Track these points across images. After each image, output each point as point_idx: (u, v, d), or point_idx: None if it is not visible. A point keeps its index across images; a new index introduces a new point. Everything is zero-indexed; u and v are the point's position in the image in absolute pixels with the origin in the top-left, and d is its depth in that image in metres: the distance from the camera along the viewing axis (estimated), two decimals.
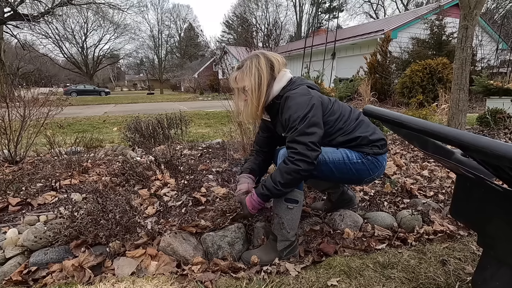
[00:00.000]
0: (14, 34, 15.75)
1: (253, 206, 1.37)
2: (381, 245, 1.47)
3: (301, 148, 1.23)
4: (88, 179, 2.24)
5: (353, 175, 1.39)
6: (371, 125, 1.44)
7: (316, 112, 1.29)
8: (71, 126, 6.04)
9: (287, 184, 1.27)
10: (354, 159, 1.36)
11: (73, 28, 30.92)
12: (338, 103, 1.46)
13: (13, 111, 2.64)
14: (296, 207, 1.36)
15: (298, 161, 1.22)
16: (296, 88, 1.36)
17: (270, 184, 1.29)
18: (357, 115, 1.45)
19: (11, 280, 1.24)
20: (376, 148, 1.38)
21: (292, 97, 1.32)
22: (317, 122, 1.28)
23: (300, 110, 1.27)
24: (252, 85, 1.37)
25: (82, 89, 26.50)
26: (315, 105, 1.30)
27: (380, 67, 9.21)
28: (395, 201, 1.87)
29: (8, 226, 1.60)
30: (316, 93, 1.38)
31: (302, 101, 1.29)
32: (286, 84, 1.39)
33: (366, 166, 1.38)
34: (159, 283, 1.21)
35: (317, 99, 1.33)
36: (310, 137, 1.24)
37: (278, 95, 1.38)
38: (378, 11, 32.88)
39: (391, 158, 2.62)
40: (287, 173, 1.25)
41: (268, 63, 1.38)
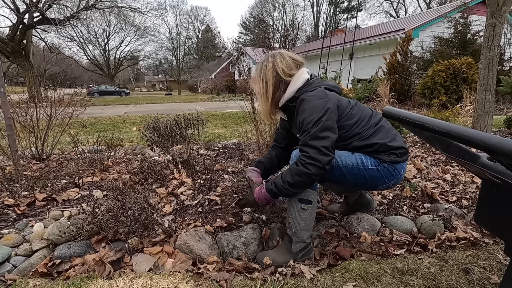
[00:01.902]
0: (42, 38, 16.59)
1: (259, 197, 1.37)
2: (400, 251, 1.43)
3: (313, 153, 1.22)
4: (109, 177, 2.32)
5: (367, 182, 1.36)
6: (391, 131, 1.38)
7: (331, 116, 1.27)
8: (93, 125, 6.27)
9: (295, 185, 1.26)
10: (369, 166, 1.32)
11: (96, 31, 32.14)
12: (358, 107, 1.41)
13: (40, 111, 2.77)
14: (310, 208, 1.35)
15: (309, 165, 1.21)
16: (313, 90, 1.34)
17: (279, 182, 1.29)
18: (378, 120, 1.39)
19: (37, 272, 1.30)
20: (394, 156, 1.33)
21: (308, 100, 1.30)
22: (330, 127, 1.25)
23: (315, 114, 1.25)
24: (259, 90, 1.41)
25: (103, 89, 27.46)
26: (330, 109, 1.27)
27: (400, 67, 8.94)
28: (415, 206, 1.81)
29: (35, 220, 1.69)
30: (334, 96, 1.35)
31: (317, 105, 1.27)
32: (302, 86, 1.37)
33: (381, 173, 1.33)
34: (175, 280, 1.24)
35: (334, 103, 1.30)
36: (322, 141, 1.22)
37: (293, 97, 1.38)
38: (398, 10, 32.00)
39: (411, 161, 2.54)
40: (297, 175, 1.24)
41: (273, 69, 1.38)
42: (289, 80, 1.38)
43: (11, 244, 1.46)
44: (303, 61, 1.45)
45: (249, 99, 2.79)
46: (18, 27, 12.84)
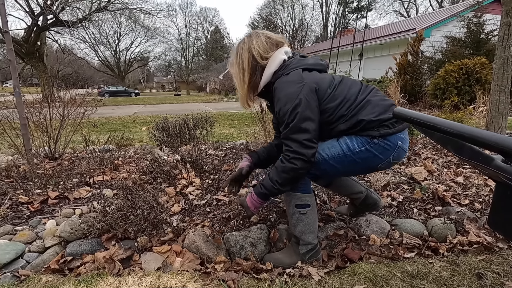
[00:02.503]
0: (55, 39, 17.00)
1: (255, 206, 1.33)
2: (410, 254, 1.41)
3: (296, 146, 1.16)
4: (119, 176, 2.35)
5: (360, 165, 1.25)
6: (380, 104, 1.23)
7: (309, 104, 1.17)
8: (103, 125, 6.38)
9: (284, 183, 1.22)
10: (356, 149, 1.21)
11: (107, 33, 32.72)
12: (344, 84, 1.27)
13: (53, 110, 2.84)
14: (309, 210, 1.32)
15: (294, 160, 1.17)
16: (288, 74, 1.22)
17: (268, 184, 1.24)
18: (366, 94, 1.25)
19: (49, 268, 1.33)
20: (385, 129, 1.20)
21: (281, 87, 1.21)
22: (308, 116, 1.16)
23: (290, 103, 1.16)
24: (235, 73, 1.33)
25: (114, 90, 27.94)
26: (306, 95, 1.17)
27: (411, 67, 8.80)
28: (426, 208, 1.78)
29: (47, 217, 1.73)
30: (312, 78, 1.22)
31: (292, 92, 1.17)
32: (278, 69, 1.26)
33: (372, 152, 1.21)
34: (183, 279, 1.25)
35: (310, 87, 1.19)
36: (304, 134, 1.16)
37: (270, 82, 1.27)
38: (409, 9, 31.52)
39: (422, 163, 2.50)
40: (284, 172, 1.20)
41: (250, 52, 1.28)
42: (265, 64, 1.28)
43: (25, 240, 1.49)
44: (283, 40, 1.33)
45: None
46: (32, 29, 13.18)
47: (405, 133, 1.26)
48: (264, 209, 1.69)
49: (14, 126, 2.70)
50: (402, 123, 1.24)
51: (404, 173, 2.32)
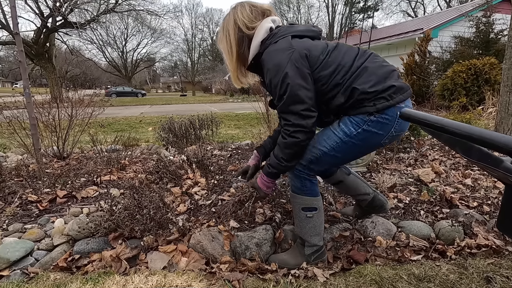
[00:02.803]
0: (64, 41, 17.26)
1: (267, 186, 1.32)
2: (417, 256, 1.39)
3: (294, 119, 1.12)
4: (126, 176, 2.38)
5: (363, 147, 1.20)
6: (377, 72, 1.13)
7: (300, 71, 1.10)
8: (110, 125, 6.45)
9: (290, 159, 1.19)
10: (353, 132, 1.15)
11: (115, 34, 33.15)
12: (338, 51, 1.18)
13: (62, 111, 2.88)
14: (316, 214, 1.31)
15: (295, 133, 1.13)
16: (276, 42, 1.15)
17: (274, 162, 1.22)
18: (363, 61, 1.15)
19: (57, 266, 1.35)
20: (382, 101, 1.10)
21: (269, 57, 1.14)
22: (301, 85, 1.10)
23: (280, 73, 1.10)
24: (224, 48, 1.27)
25: (121, 90, 28.25)
26: (296, 61, 1.10)
27: (418, 68, 8.70)
28: (433, 211, 1.76)
29: (56, 216, 1.75)
30: (302, 44, 1.15)
31: (281, 61, 1.11)
32: (265, 38, 1.19)
33: (370, 131, 1.13)
34: (188, 279, 1.25)
35: (300, 53, 1.12)
36: (299, 105, 1.10)
37: (258, 53, 1.20)
38: (417, 9, 31.20)
39: (429, 164, 2.47)
40: (287, 148, 1.16)
41: (235, 23, 1.22)
42: (252, 34, 1.21)
43: (34, 238, 1.52)
44: (269, 8, 1.27)
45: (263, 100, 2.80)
46: (42, 30, 13.41)
47: (407, 102, 1.16)
48: (269, 209, 1.70)
49: (24, 126, 2.75)
50: (403, 93, 1.14)
51: (411, 175, 2.30)
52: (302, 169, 1.25)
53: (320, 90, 1.16)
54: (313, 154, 1.21)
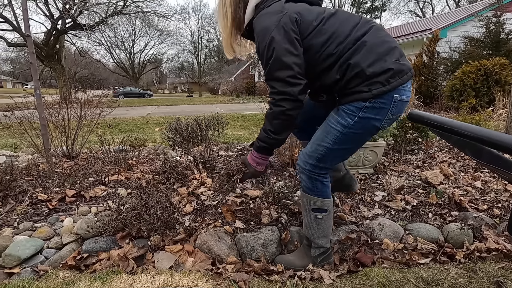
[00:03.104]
0: (73, 42, 17.54)
1: (257, 162, 1.27)
2: (425, 260, 1.38)
3: (280, 86, 1.07)
4: (133, 176, 2.40)
5: (364, 135, 1.17)
6: (376, 49, 1.05)
7: (287, 36, 1.04)
8: (118, 126, 6.52)
9: (278, 130, 1.14)
10: (350, 122, 1.10)
11: (122, 36, 33.59)
12: (336, 18, 1.11)
13: (71, 111, 2.93)
14: (326, 216, 1.30)
15: (280, 101, 1.08)
16: (269, 6, 1.11)
17: (262, 136, 1.18)
18: (362, 33, 1.07)
19: (66, 264, 1.37)
20: (378, 86, 1.04)
21: (259, 20, 1.10)
22: (288, 50, 1.04)
23: (267, 37, 1.05)
24: (219, 13, 1.25)
25: (128, 91, 28.56)
26: (285, 25, 1.05)
27: (426, 68, 8.60)
28: (442, 213, 1.74)
29: (65, 215, 1.78)
30: (295, 8, 1.09)
31: (268, 24, 1.06)
32: (259, 2, 1.16)
33: (367, 117, 1.09)
34: (195, 279, 1.26)
35: (290, 17, 1.06)
36: (286, 71, 1.05)
37: (253, 18, 1.16)
38: (425, 9, 30.84)
39: (437, 166, 2.44)
40: (274, 118, 1.12)
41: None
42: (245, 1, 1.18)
43: (44, 237, 1.55)
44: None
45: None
46: (52, 32, 13.65)
47: (408, 84, 1.10)
48: (275, 211, 1.70)
49: (34, 127, 2.80)
50: (402, 76, 1.07)
51: (418, 177, 2.27)
52: (313, 169, 1.23)
53: (312, 59, 1.10)
54: (319, 152, 1.19)
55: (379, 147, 2.35)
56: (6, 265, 1.36)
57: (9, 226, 1.67)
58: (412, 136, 2.92)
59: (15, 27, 12.62)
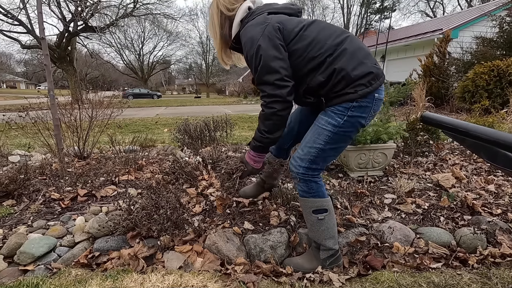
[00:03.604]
0: (84, 44, 17.89)
1: (254, 160, 1.37)
2: (436, 264, 1.35)
3: (270, 89, 1.16)
4: (143, 176, 2.43)
5: (352, 132, 1.25)
6: (357, 55, 1.16)
7: (272, 42, 1.15)
8: (127, 126, 6.61)
9: (271, 130, 1.23)
10: (340, 121, 1.19)
11: (132, 37, 34.04)
12: (316, 25, 1.22)
13: (83, 112, 2.99)
14: (327, 215, 1.32)
15: (272, 103, 1.17)
16: (253, 19, 1.22)
17: (257, 135, 1.27)
18: (341, 40, 1.17)
19: (78, 262, 1.40)
20: (362, 87, 1.15)
21: (245, 32, 1.21)
22: (274, 55, 1.15)
23: (254, 45, 1.16)
24: (210, 31, 1.37)
25: (137, 92, 28.93)
26: (269, 33, 1.15)
27: (437, 69, 8.45)
28: (454, 217, 1.70)
29: (77, 214, 1.82)
30: (277, 18, 1.20)
31: (254, 34, 1.16)
32: (244, 17, 1.27)
33: (355, 115, 1.19)
34: (204, 279, 1.27)
35: (273, 26, 1.17)
36: (273, 75, 1.15)
37: (239, 32, 1.27)
38: (436, 9, 30.36)
39: (449, 169, 2.39)
40: (267, 119, 1.21)
41: (217, 7, 1.31)
42: (233, 15, 1.30)
43: (56, 235, 1.58)
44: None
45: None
46: (64, 35, 13.95)
47: (382, 87, 1.22)
48: (284, 212, 1.69)
49: (47, 127, 2.86)
50: (379, 79, 1.19)
51: (429, 180, 2.23)
52: (306, 172, 1.27)
53: (297, 63, 1.19)
54: (312, 154, 1.24)
55: (389, 149, 2.33)
56: (21, 262, 1.39)
57: (24, 224, 1.71)
58: (423, 138, 2.88)
59: (29, 30, 12.94)
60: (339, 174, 2.41)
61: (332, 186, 2.13)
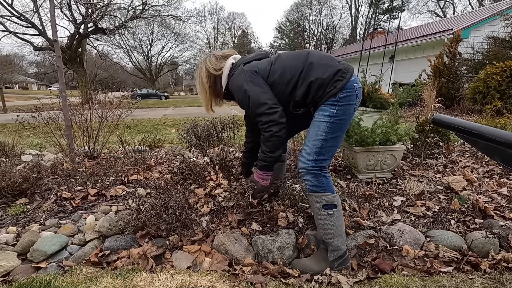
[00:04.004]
0: (94, 46, 18.17)
1: (262, 178, 1.53)
2: (447, 268, 1.33)
3: (264, 118, 1.37)
4: (152, 176, 2.46)
5: (347, 120, 1.40)
6: (322, 62, 1.38)
7: (254, 83, 1.40)
8: (136, 126, 6.69)
9: (273, 149, 1.41)
10: (333, 111, 1.36)
11: (140, 39, 34.42)
12: (280, 59, 1.46)
13: (93, 112, 3.04)
14: (336, 212, 1.36)
15: (269, 127, 1.36)
16: (235, 72, 1.49)
17: (262, 156, 1.45)
18: (304, 58, 1.40)
19: (89, 261, 1.42)
20: (338, 82, 1.34)
21: (232, 83, 1.48)
22: (259, 92, 1.39)
23: (241, 90, 1.42)
24: (199, 89, 1.63)
25: (145, 93, 29.21)
26: (249, 77, 1.41)
27: (447, 70, 8.31)
28: (465, 220, 1.67)
29: (87, 213, 1.85)
30: (251, 66, 1.46)
31: (239, 82, 1.43)
32: (228, 73, 1.54)
33: (344, 104, 1.35)
34: (212, 279, 1.28)
35: (251, 72, 1.43)
36: (263, 106, 1.37)
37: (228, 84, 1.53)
38: (446, 9, 29.88)
39: (460, 171, 2.35)
40: (267, 141, 1.39)
41: (206, 70, 1.57)
42: (220, 73, 1.56)
43: (68, 233, 1.61)
44: (230, 51, 1.62)
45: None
46: (75, 37, 14.21)
47: (355, 76, 1.41)
48: (292, 214, 1.69)
49: (59, 127, 2.92)
50: (349, 71, 1.37)
51: (440, 182, 2.20)
52: (315, 164, 1.37)
53: (278, 89, 1.42)
54: (316, 146, 1.37)
55: (398, 150, 2.30)
56: (33, 260, 1.42)
57: (36, 222, 1.75)
58: (433, 140, 2.84)
59: (41, 32, 13.21)
60: (347, 175, 2.40)
61: (340, 187, 2.12)
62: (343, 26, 35.85)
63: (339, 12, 41.99)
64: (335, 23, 34.23)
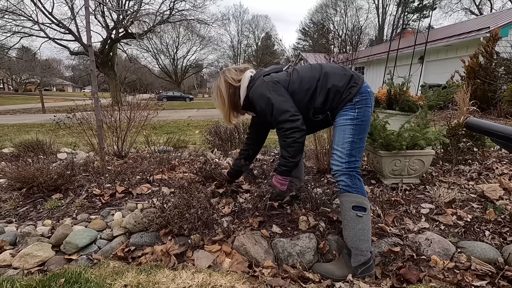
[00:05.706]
0: (124, 50, 19.06)
1: (281, 183, 1.58)
2: (480, 282, 1.25)
3: (287, 125, 1.44)
4: (176, 176, 2.53)
5: (368, 121, 1.46)
6: (335, 71, 1.48)
7: (277, 92, 1.47)
8: (162, 127, 6.92)
9: (294, 155, 1.47)
10: (354, 114, 1.43)
11: (167, 43, 35.56)
12: (296, 71, 1.56)
13: (122, 113, 3.18)
14: (365, 215, 1.35)
15: (291, 133, 1.43)
16: (256, 83, 1.56)
17: (282, 161, 1.50)
18: (319, 69, 1.50)
19: (116, 255, 1.49)
20: (353, 88, 1.43)
21: (253, 93, 1.55)
22: (281, 100, 1.46)
23: (264, 98, 1.48)
24: (217, 101, 1.69)
25: (171, 95, 30.13)
26: (272, 87, 1.48)
27: (483, 71, 7.82)
28: (501, 232, 1.56)
29: (115, 209, 1.93)
30: (272, 77, 1.54)
31: (261, 92, 1.50)
32: (248, 84, 1.60)
33: (362, 107, 1.43)
34: (232, 280, 1.29)
35: (273, 82, 1.50)
36: (286, 113, 1.44)
37: (247, 95, 1.60)
38: (482, 6, 28.13)
39: (496, 179, 2.20)
40: (289, 146, 1.45)
41: (225, 81, 1.64)
42: (239, 85, 1.63)
43: (97, 228, 1.69)
44: (246, 65, 1.71)
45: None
46: (107, 41, 15.00)
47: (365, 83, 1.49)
48: (313, 218, 1.66)
49: (91, 127, 3.09)
50: (360, 78, 1.47)
51: (473, 190, 2.07)
52: (349, 166, 1.42)
53: (298, 98, 1.51)
54: (347, 149, 1.42)
55: (426, 155, 2.20)
56: (66, 252, 1.51)
57: (69, 216, 1.86)
58: (466, 145, 2.68)
59: (77, 38, 14.08)
60: (372, 180, 2.32)
61: None
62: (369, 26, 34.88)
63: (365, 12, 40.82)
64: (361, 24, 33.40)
